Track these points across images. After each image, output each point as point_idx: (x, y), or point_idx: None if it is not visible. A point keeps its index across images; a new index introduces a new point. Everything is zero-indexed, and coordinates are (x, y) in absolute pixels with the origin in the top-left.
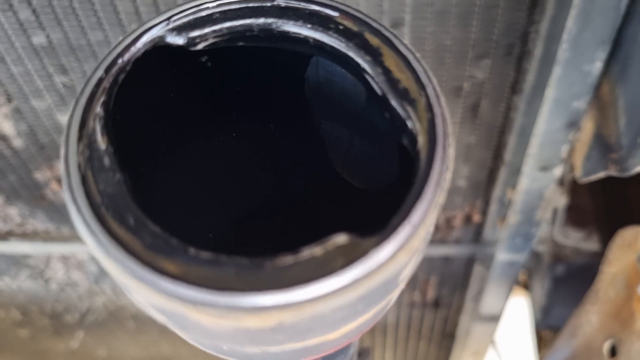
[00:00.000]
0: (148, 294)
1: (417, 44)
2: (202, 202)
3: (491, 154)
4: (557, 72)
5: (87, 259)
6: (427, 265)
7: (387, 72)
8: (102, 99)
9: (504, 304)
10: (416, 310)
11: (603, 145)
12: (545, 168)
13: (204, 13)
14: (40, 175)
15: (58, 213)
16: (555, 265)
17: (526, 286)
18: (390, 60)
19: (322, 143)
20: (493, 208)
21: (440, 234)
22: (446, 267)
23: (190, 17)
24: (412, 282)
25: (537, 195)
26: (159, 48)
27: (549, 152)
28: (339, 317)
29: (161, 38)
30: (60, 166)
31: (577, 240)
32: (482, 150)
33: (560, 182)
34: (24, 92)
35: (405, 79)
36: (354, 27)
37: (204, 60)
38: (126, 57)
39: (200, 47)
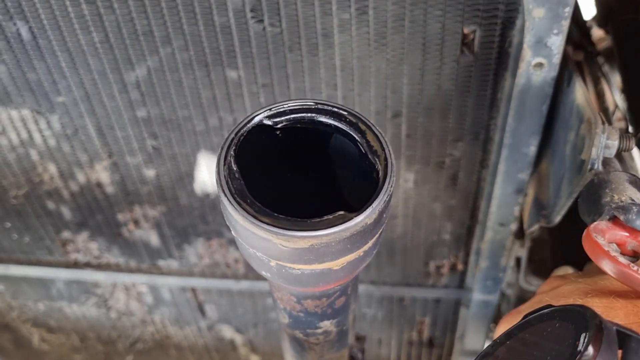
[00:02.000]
0: (257, 231)
1: (411, 130)
2: (279, 196)
3: (468, 214)
4: (504, 153)
5: (146, 291)
6: (422, 306)
7: (367, 142)
8: (233, 147)
9: (483, 340)
10: (414, 349)
11: (538, 205)
12: (503, 224)
13: (281, 109)
14: (121, 217)
15: (129, 249)
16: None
17: None
18: (370, 136)
19: (337, 180)
20: (472, 259)
21: (432, 279)
22: (438, 309)
23: (275, 111)
24: (411, 322)
25: (499, 245)
26: (260, 125)
27: (505, 211)
28: (338, 249)
29: (261, 120)
30: (215, 177)
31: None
32: (461, 211)
33: (518, 235)
34: (123, 151)
35: (376, 145)
36: (353, 119)
37: (278, 133)
38: (244, 128)
39: (279, 126)
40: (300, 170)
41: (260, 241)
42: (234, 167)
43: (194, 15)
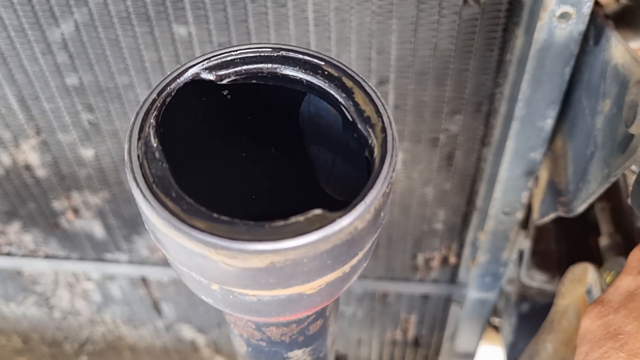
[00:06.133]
0: (184, 242)
1: (400, 99)
2: (225, 188)
3: (465, 200)
4: (515, 127)
5: (92, 289)
6: (408, 303)
7: (356, 105)
8: (154, 113)
9: (477, 342)
10: (398, 349)
11: (554, 191)
12: (508, 212)
13: (228, 58)
14: (57, 205)
15: (69, 241)
16: (521, 303)
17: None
18: (359, 97)
19: (311, 163)
20: (467, 251)
21: (420, 274)
22: (425, 306)
23: (219, 60)
24: (395, 320)
25: (502, 237)
26: (196, 81)
27: (511, 198)
28: (313, 267)
29: (197, 74)
30: (125, 157)
31: (542, 282)
32: (456, 197)
33: (523, 225)
34: (53, 126)
35: (368, 110)
36: (335, 73)
37: (225, 94)
38: (172, 85)
39: (225, 82)
40: (260, 149)
41: (191, 257)
42: (154, 144)
43: None
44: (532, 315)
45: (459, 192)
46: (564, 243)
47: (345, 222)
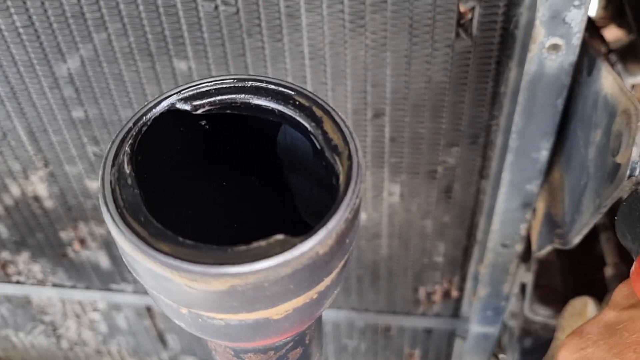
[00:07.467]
0: (150, 264)
1: (396, 132)
2: (197, 215)
3: (465, 233)
4: (509, 158)
5: (99, 319)
6: (411, 337)
7: (325, 133)
8: (129, 142)
9: None
10: None
11: (551, 222)
12: (506, 245)
13: (203, 89)
14: (64, 235)
15: (76, 271)
16: (524, 338)
17: None
18: (327, 126)
19: (290, 192)
20: (469, 284)
21: (422, 307)
22: (429, 341)
23: (194, 91)
24: (398, 354)
25: (502, 270)
26: (172, 111)
27: (510, 230)
28: (275, 291)
29: (173, 104)
30: (98, 182)
31: (545, 317)
32: (456, 229)
33: (524, 258)
34: (60, 158)
35: (336, 138)
36: (305, 102)
37: (202, 123)
38: (148, 115)
39: (199, 112)
40: (239, 178)
41: (158, 280)
42: (127, 170)
43: None
44: (535, 351)
45: (458, 225)
46: (571, 276)
47: (306, 247)
